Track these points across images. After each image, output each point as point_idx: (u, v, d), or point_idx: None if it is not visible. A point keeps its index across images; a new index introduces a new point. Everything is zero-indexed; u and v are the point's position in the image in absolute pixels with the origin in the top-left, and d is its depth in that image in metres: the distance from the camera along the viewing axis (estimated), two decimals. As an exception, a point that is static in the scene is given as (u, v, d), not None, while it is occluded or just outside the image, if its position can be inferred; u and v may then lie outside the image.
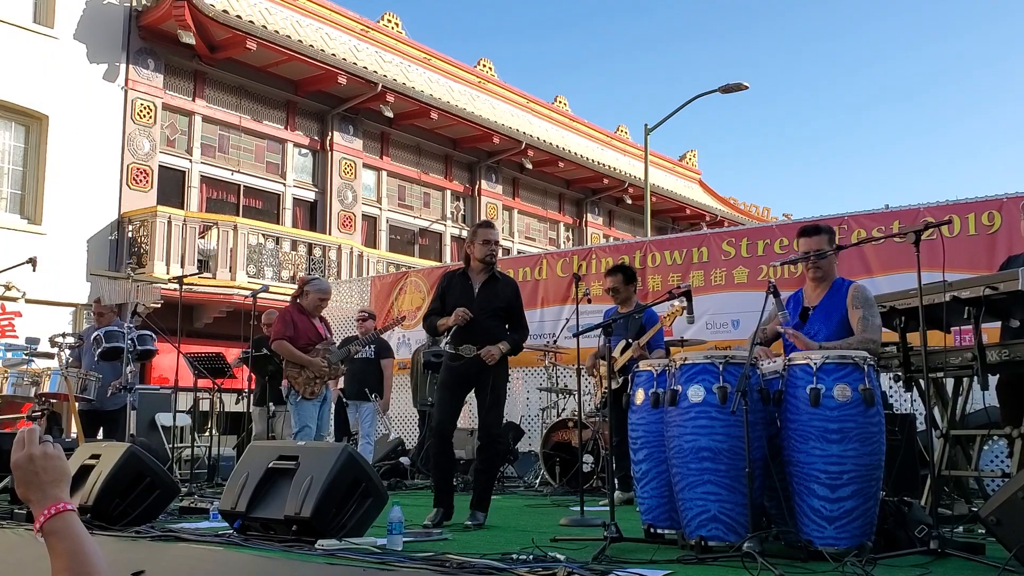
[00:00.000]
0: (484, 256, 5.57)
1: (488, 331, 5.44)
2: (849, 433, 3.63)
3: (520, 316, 5.64)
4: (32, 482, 1.59)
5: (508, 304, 5.56)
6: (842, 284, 4.48)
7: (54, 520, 1.54)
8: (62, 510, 1.55)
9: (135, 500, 4.82)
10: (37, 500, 1.57)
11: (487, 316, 5.48)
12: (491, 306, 5.50)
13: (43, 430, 1.71)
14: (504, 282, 5.63)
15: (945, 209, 7.64)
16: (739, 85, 17.44)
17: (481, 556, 3.57)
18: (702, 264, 9.14)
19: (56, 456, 1.61)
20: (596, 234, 24.65)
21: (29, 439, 1.62)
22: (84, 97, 14.71)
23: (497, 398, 5.48)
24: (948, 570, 3.32)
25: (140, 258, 14.65)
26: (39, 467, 1.59)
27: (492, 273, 5.59)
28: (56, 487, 1.59)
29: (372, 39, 19.87)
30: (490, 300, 5.51)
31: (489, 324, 5.47)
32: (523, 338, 5.67)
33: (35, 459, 1.59)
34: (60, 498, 1.57)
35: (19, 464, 1.60)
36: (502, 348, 5.41)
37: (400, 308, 11.82)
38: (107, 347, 7.33)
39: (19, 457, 1.60)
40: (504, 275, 5.72)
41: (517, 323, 5.62)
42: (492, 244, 5.57)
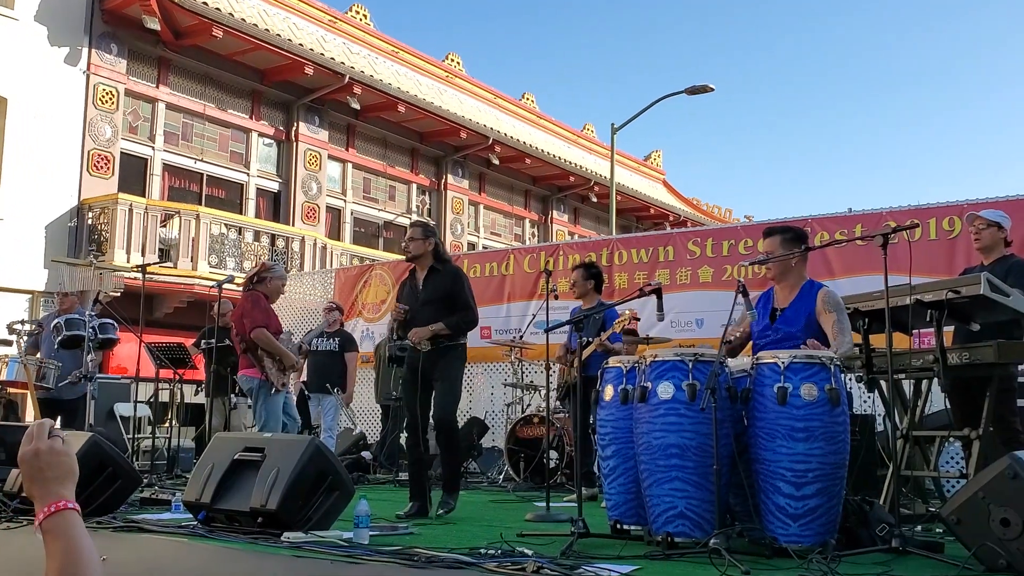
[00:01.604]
0: (404, 256, 5.88)
1: (428, 321, 5.53)
2: (815, 432, 3.69)
3: (459, 299, 5.65)
4: (36, 478, 1.55)
5: (447, 292, 5.64)
6: (812, 287, 4.53)
7: (53, 518, 1.50)
8: (62, 508, 1.51)
9: (96, 490, 4.73)
10: (39, 496, 1.53)
11: (433, 309, 5.58)
12: (435, 297, 5.62)
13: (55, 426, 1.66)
14: (445, 271, 5.72)
15: (907, 214, 7.75)
16: (705, 87, 17.56)
17: (449, 550, 3.57)
18: (668, 263, 9.19)
19: (63, 452, 1.57)
20: (561, 231, 24.71)
21: (38, 433, 1.58)
22: (45, 81, 14.43)
23: (448, 386, 5.56)
24: (909, 568, 3.38)
25: (100, 246, 14.41)
26: (44, 463, 1.55)
27: (432, 265, 5.70)
28: (60, 484, 1.54)
29: (340, 30, 19.73)
30: (433, 292, 5.63)
31: (433, 315, 5.55)
32: (464, 319, 5.66)
33: (41, 454, 1.55)
34: (62, 496, 1.53)
35: (26, 459, 1.56)
36: (432, 328, 5.49)
37: (364, 301, 11.77)
38: (67, 335, 7.20)
39: (26, 451, 1.56)
40: (446, 265, 5.79)
41: (456, 306, 5.64)
42: (405, 243, 5.80)
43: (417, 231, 5.78)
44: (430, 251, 5.71)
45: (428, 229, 5.85)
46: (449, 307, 5.61)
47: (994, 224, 5.15)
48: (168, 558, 3.71)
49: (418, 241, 5.70)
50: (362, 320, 11.71)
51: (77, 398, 7.46)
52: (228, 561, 3.58)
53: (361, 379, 11.05)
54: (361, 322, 11.69)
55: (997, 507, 3.21)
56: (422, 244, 5.70)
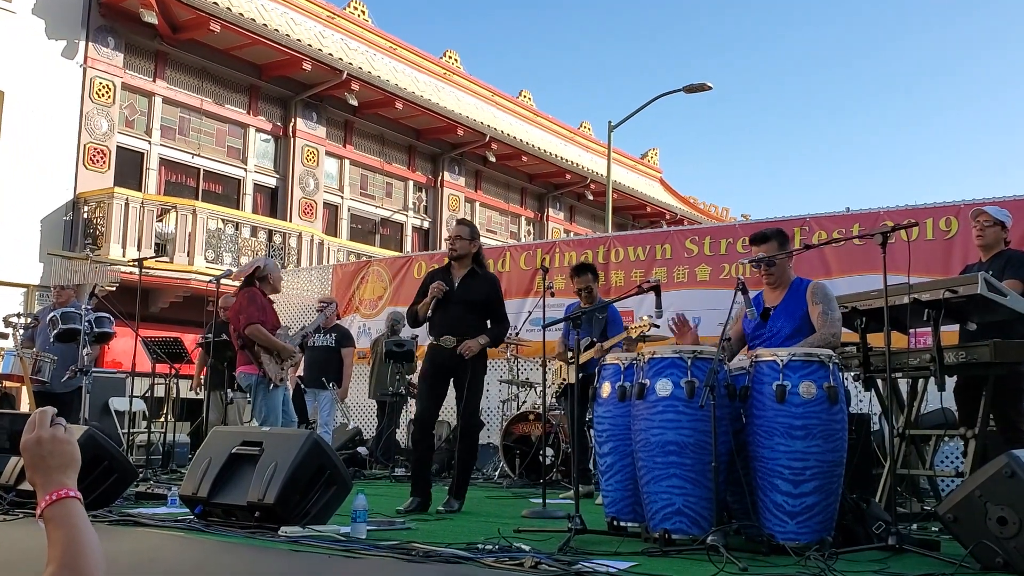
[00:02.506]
0: (448, 252, 5.88)
1: (466, 323, 5.60)
2: (813, 430, 3.69)
3: (499, 310, 5.80)
4: (38, 466, 1.54)
5: (487, 299, 5.71)
6: (800, 283, 4.54)
7: (55, 506, 1.50)
8: (64, 496, 1.51)
9: (92, 484, 4.71)
10: (42, 484, 1.53)
11: (466, 309, 5.62)
12: (469, 300, 5.64)
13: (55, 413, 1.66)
14: (483, 278, 5.79)
15: (905, 213, 7.77)
16: (703, 85, 17.55)
17: (447, 545, 3.57)
18: (665, 261, 9.20)
19: (65, 440, 1.56)
20: (557, 229, 24.70)
21: (40, 421, 1.57)
22: (41, 74, 14.38)
23: (475, 390, 5.65)
24: (906, 565, 3.39)
25: (96, 240, 14.37)
26: (46, 451, 1.54)
27: (472, 268, 5.74)
28: (62, 472, 1.54)
29: (338, 26, 19.69)
30: (469, 294, 5.66)
31: (467, 316, 5.61)
32: (503, 332, 5.87)
33: (43, 442, 1.55)
34: (64, 484, 1.53)
35: (28, 447, 1.55)
36: (481, 341, 5.58)
37: (361, 297, 11.76)
38: (63, 328, 7.17)
39: (28, 439, 1.56)
40: (485, 271, 5.87)
41: (495, 317, 5.78)
42: (452, 240, 5.81)
43: (465, 231, 5.83)
44: (473, 253, 5.77)
45: (475, 231, 5.91)
46: (481, 312, 5.69)
47: (999, 223, 5.18)
48: (164, 552, 3.70)
49: (465, 241, 5.76)
50: (359, 316, 11.70)
51: (72, 392, 7.43)
52: (225, 555, 3.57)
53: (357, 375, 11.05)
54: (358, 318, 11.69)
55: (994, 505, 3.22)
56: (468, 245, 5.76)
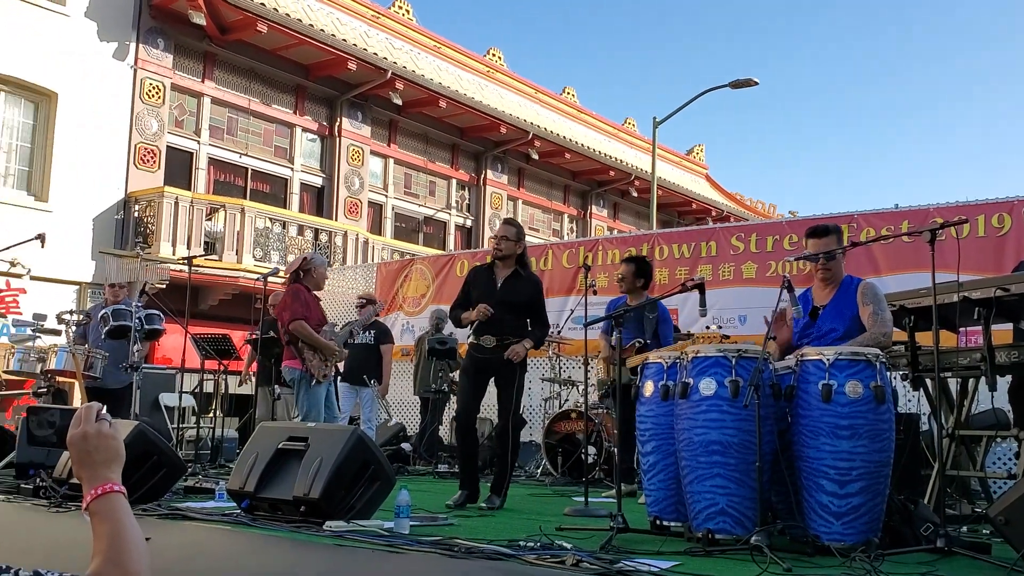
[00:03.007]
0: (493, 251, 5.92)
1: (507, 324, 5.64)
2: (859, 430, 3.64)
3: (541, 312, 5.83)
4: (84, 460, 1.58)
5: (529, 300, 5.75)
6: (851, 282, 4.48)
7: (100, 500, 1.54)
8: (108, 491, 1.55)
9: (142, 478, 4.81)
10: (87, 479, 1.57)
11: (506, 310, 5.66)
12: (511, 300, 5.68)
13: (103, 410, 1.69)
14: (527, 279, 5.83)
15: (955, 210, 7.63)
16: (749, 81, 17.39)
17: (488, 542, 3.58)
18: (710, 258, 9.13)
19: (111, 436, 1.60)
20: (600, 226, 24.62)
21: (86, 416, 1.61)
22: (93, 75, 14.68)
23: (518, 390, 5.68)
24: (955, 568, 3.33)
25: (146, 238, 14.63)
26: (92, 446, 1.58)
27: (515, 269, 5.78)
28: (107, 467, 1.58)
29: (383, 25, 19.82)
30: (511, 295, 5.70)
31: (508, 318, 5.65)
32: (544, 334, 5.92)
33: (89, 437, 1.59)
34: (109, 479, 1.57)
35: (74, 441, 1.59)
36: (527, 346, 5.63)
37: (405, 295, 11.84)
38: (114, 325, 7.30)
39: (74, 434, 1.60)
40: (529, 273, 5.89)
41: (538, 319, 5.81)
42: (498, 239, 5.84)
43: (512, 231, 5.87)
44: (518, 254, 5.80)
45: (521, 232, 5.94)
46: (522, 313, 5.73)
47: None
48: (211, 545, 3.76)
49: (511, 242, 5.80)
50: (403, 314, 11.79)
51: (123, 387, 7.56)
52: (270, 549, 3.62)
53: (400, 372, 11.13)
54: (402, 316, 11.77)
55: (1047, 508, 3.15)
56: (514, 246, 5.80)
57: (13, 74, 13.88)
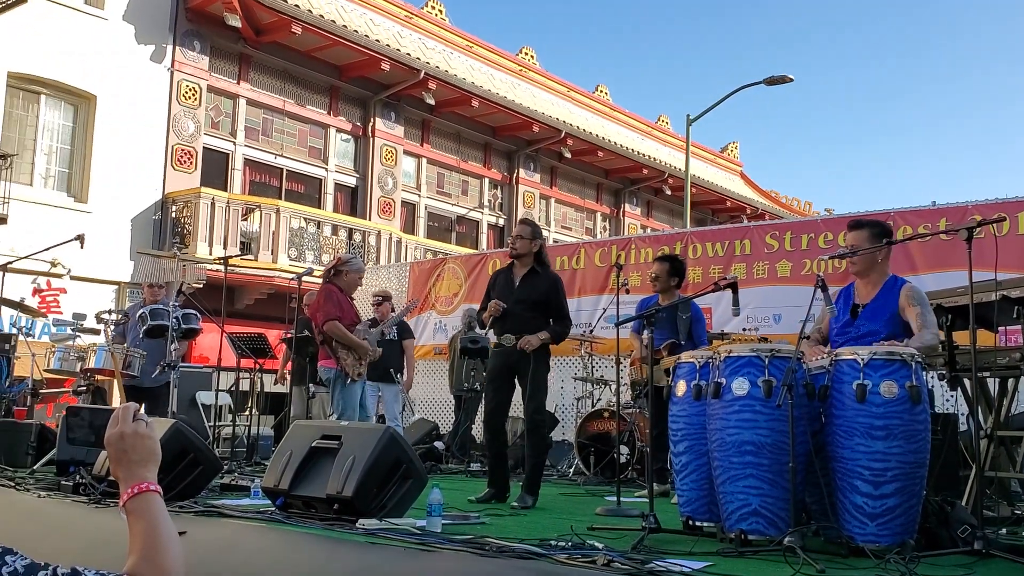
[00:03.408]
0: (509, 250, 5.97)
1: (525, 322, 5.69)
2: (894, 430, 3.60)
3: (560, 308, 5.83)
4: (121, 460, 1.61)
5: (547, 297, 5.77)
6: (895, 283, 4.40)
7: (136, 499, 1.56)
8: (144, 490, 1.57)
9: (178, 476, 4.88)
10: (124, 478, 1.59)
11: (525, 308, 5.71)
12: (529, 298, 5.73)
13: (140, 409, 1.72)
14: (544, 276, 5.84)
15: (994, 207, 7.51)
16: (784, 77, 17.25)
17: (520, 541, 3.59)
18: (744, 257, 9.07)
19: (147, 436, 1.63)
20: (633, 224, 24.54)
21: (123, 416, 1.64)
22: (131, 78, 14.89)
23: (537, 386, 5.68)
24: (993, 571, 3.28)
25: (183, 238, 14.83)
26: (128, 445, 1.61)
27: (532, 267, 5.81)
28: (143, 467, 1.60)
29: (416, 26, 19.91)
30: (529, 293, 5.75)
31: (527, 315, 5.69)
32: (565, 329, 5.87)
33: (125, 437, 1.61)
34: (145, 478, 1.59)
35: (111, 441, 1.62)
36: (541, 337, 5.65)
37: (438, 294, 11.88)
38: (152, 325, 7.41)
39: (111, 434, 1.63)
40: (546, 270, 5.90)
41: (557, 315, 5.83)
42: (514, 239, 5.91)
43: (526, 230, 5.92)
44: (534, 252, 5.84)
45: (536, 230, 5.98)
46: (541, 310, 5.76)
47: None
48: (246, 542, 3.80)
49: (525, 241, 5.85)
50: (435, 313, 11.83)
51: (161, 386, 7.68)
52: (303, 546, 3.65)
53: (434, 370, 11.18)
54: (434, 315, 11.81)
55: (1087, 511, 3.09)
56: (528, 244, 5.85)
57: (53, 77, 14.13)
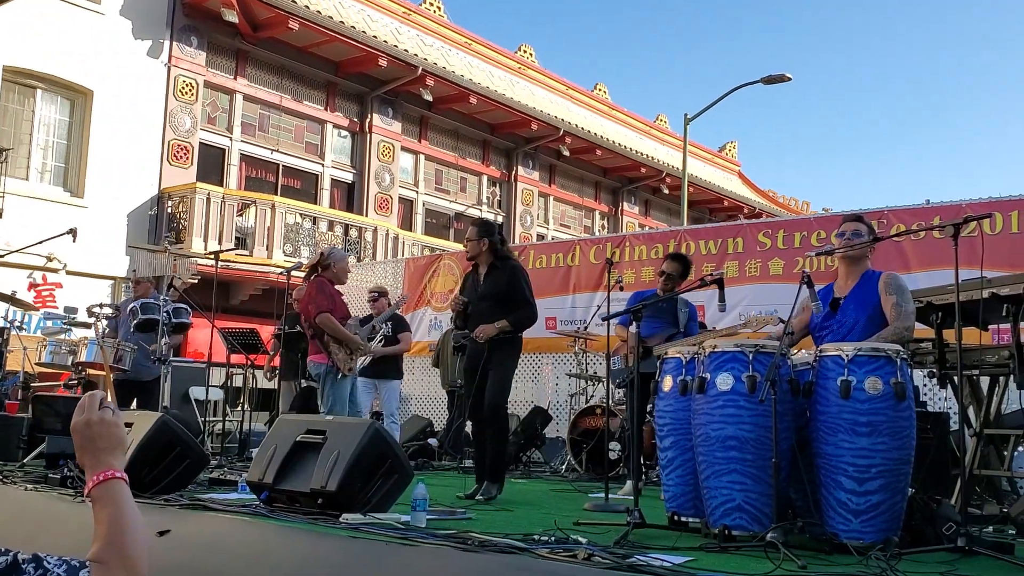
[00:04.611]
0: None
1: (491, 316, 5.69)
2: (879, 427, 3.58)
3: (517, 295, 5.78)
4: (87, 447, 1.60)
5: (508, 288, 5.77)
6: (873, 274, 4.41)
7: (102, 486, 1.56)
8: (110, 477, 1.57)
9: (165, 469, 4.86)
10: (90, 465, 1.59)
11: (490, 304, 5.74)
12: (492, 294, 5.77)
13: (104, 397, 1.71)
14: (503, 269, 5.84)
15: (988, 206, 7.50)
16: (782, 76, 17.24)
17: (504, 536, 3.58)
18: (737, 254, 9.06)
19: (113, 424, 1.63)
20: (632, 223, 24.53)
21: (90, 404, 1.63)
22: (128, 73, 14.88)
23: (499, 376, 5.69)
24: (975, 568, 3.27)
25: (179, 233, 14.82)
26: (95, 433, 1.61)
27: (491, 263, 5.84)
28: (109, 454, 1.60)
29: (414, 22, 19.89)
30: (491, 289, 5.78)
31: (491, 311, 5.71)
32: (524, 315, 5.80)
33: (92, 425, 1.61)
34: (112, 465, 1.59)
35: (77, 428, 1.62)
36: (497, 326, 5.65)
37: (433, 290, 11.87)
38: (143, 319, 7.42)
39: (77, 422, 1.62)
40: (505, 262, 5.89)
41: (516, 303, 5.78)
42: (464, 242, 5.97)
43: (472, 232, 5.93)
44: (486, 250, 5.84)
45: (483, 229, 5.93)
46: (506, 303, 5.75)
47: None
48: (228, 535, 3.79)
49: (472, 242, 5.88)
50: (430, 309, 11.81)
51: (152, 380, 7.67)
52: (286, 540, 3.64)
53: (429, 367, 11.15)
54: (429, 311, 11.80)
55: (1070, 508, 3.08)
56: (476, 245, 5.86)
57: (50, 72, 14.11)
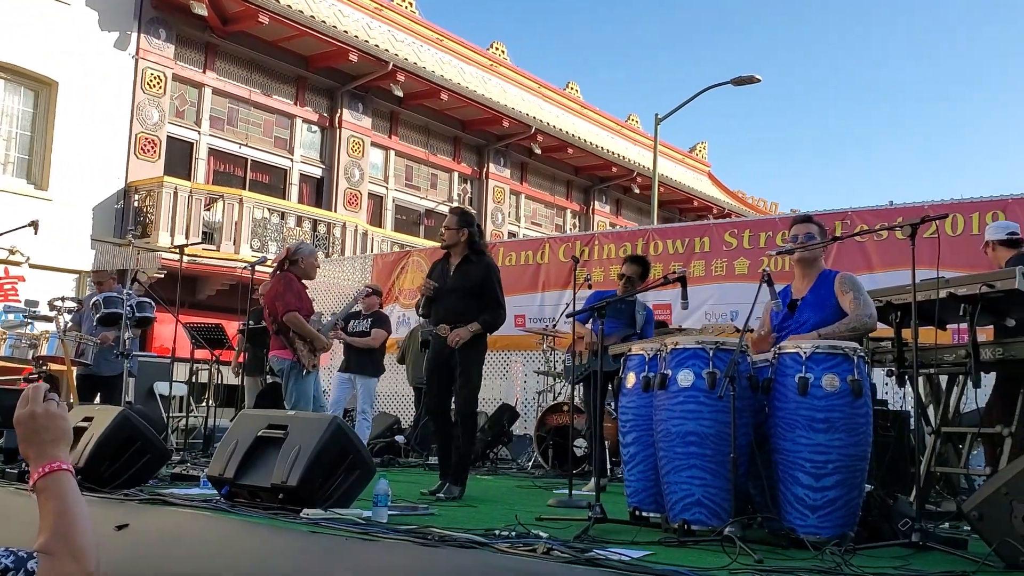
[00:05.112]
0: (440, 242, 5.88)
1: (459, 311, 5.58)
2: (836, 423, 3.63)
3: (491, 294, 5.67)
4: (31, 439, 1.59)
5: (480, 284, 5.64)
6: (829, 274, 4.46)
7: (47, 478, 1.55)
8: (56, 469, 1.56)
9: (125, 464, 4.83)
10: (34, 457, 1.58)
11: (459, 296, 5.61)
12: (463, 287, 5.63)
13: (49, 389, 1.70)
14: (477, 264, 5.71)
15: (949, 207, 7.61)
16: (751, 78, 17.37)
17: (465, 531, 3.58)
18: (704, 254, 9.13)
19: (58, 415, 1.62)
20: (603, 222, 24.61)
21: (33, 396, 1.62)
22: (94, 65, 14.69)
23: (468, 378, 5.60)
24: (928, 562, 3.32)
25: (145, 228, 14.67)
26: (40, 425, 1.59)
27: (466, 255, 5.71)
28: (54, 446, 1.59)
29: (385, 18, 19.81)
30: (462, 281, 5.64)
31: (461, 305, 5.60)
32: (496, 317, 5.70)
33: (36, 416, 1.60)
34: (57, 457, 1.58)
35: (20, 420, 1.61)
36: (471, 329, 5.53)
37: (401, 287, 11.84)
38: (105, 312, 7.34)
39: (21, 413, 1.61)
40: (480, 256, 5.78)
41: (488, 302, 5.66)
42: (443, 230, 5.82)
43: (452, 220, 5.80)
44: (464, 240, 5.73)
45: (464, 219, 5.83)
46: (475, 298, 5.63)
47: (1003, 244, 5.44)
48: (188, 530, 3.77)
49: (452, 231, 5.73)
50: (399, 306, 11.78)
51: (115, 375, 7.59)
52: (246, 535, 3.63)
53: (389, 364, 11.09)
54: (398, 308, 11.76)
55: (1020, 503, 3.14)
56: (455, 234, 5.72)
57: (13, 62, 13.91)
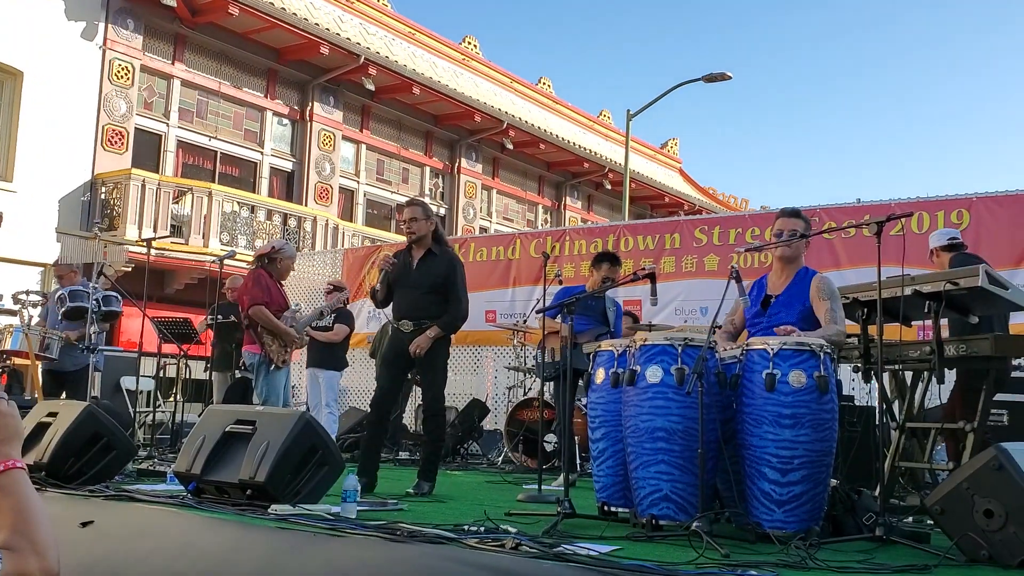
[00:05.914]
0: (406, 234, 5.70)
1: (422, 306, 5.51)
2: (802, 419, 3.67)
3: (453, 291, 5.58)
4: None
5: (443, 279, 5.56)
6: (806, 274, 4.48)
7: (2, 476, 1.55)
8: (11, 467, 1.56)
9: (90, 460, 4.78)
10: None
11: (423, 291, 5.53)
12: (426, 282, 5.55)
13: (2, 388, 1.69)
14: (441, 257, 5.63)
15: (915, 205, 7.71)
16: (723, 75, 17.48)
17: (434, 526, 3.58)
18: (674, 250, 9.18)
19: (8, 414, 1.61)
20: (575, 218, 24.64)
21: None
22: (60, 55, 14.48)
23: (435, 374, 5.56)
24: (890, 556, 3.36)
25: (112, 220, 14.49)
26: None
27: (429, 248, 5.62)
28: (7, 444, 1.59)
29: (357, 11, 19.69)
30: (425, 276, 5.56)
31: (423, 300, 5.52)
32: (457, 315, 5.60)
33: None
34: (10, 455, 1.58)
35: None
36: (430, 336, 5.45)
37: (372, 282, 11.78)
38: (71, 306, 7.26)
39: None
40: (444, 250, 5.70)
41: (449, 298, 5.58)
42: (408, 223, 5.62)
43: (419, 211, 5.66)
44: (431, 232, 5.65)
45: (428, 209, 5.77)
46: (439, 293, 5.56)
47: (944, 249, 5.83)
48: (154, 526, 3.73)
49: (421, 221, 5.59)
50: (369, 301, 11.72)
51: (80, 369, 7.51)
52: (212, 530, 3.59)
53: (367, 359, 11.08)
54: (368, 303, 11.71)
55: (981, 498, 3.19)
56: (425, 224, 5.61)
57: (-23, 51, 13.68)
